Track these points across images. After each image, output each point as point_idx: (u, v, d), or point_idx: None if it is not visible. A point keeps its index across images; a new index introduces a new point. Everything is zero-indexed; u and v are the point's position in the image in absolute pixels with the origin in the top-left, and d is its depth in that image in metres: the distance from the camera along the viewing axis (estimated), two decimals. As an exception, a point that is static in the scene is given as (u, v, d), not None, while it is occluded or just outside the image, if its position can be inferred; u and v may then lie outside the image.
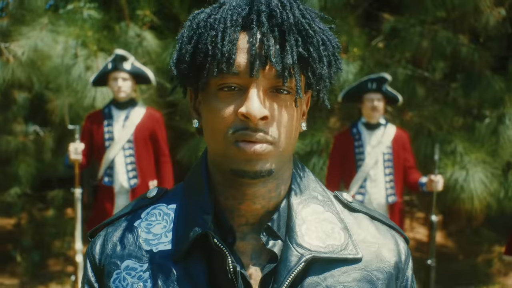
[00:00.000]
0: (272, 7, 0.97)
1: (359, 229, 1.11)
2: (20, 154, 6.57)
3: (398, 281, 1.10)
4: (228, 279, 1.00)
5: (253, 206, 1.05)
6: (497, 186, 5.56)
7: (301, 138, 5.68)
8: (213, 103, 1.00)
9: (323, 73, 1.02)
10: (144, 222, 1.11)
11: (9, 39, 5.73)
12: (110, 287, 1.06)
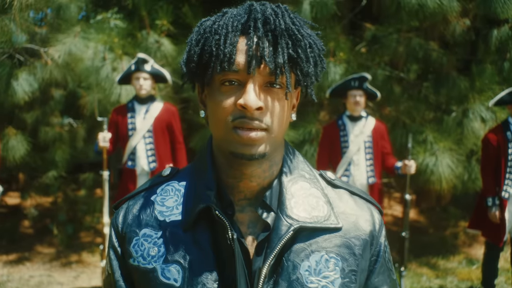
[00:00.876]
0: (266, 15, 0.99)
1: (340, 203, 1.12)
2: (56, 143, 6.40)
3: (373, 246, 1.11)
4: (228, 245, 1.02)
5: (250, 184, 1.07)
6: (462, 170, 5.45)
7: (295, 128, 5.59)
8: (217, 96, 1.02)
9: (310, 71, 1.03)
10: (159, 196, 1.12)
11: (48, 45, 5.57)
12: (130, 251, 1.08)
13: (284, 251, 1.04)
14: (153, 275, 1.04)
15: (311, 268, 1.04)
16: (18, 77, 5.35)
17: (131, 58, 5.40)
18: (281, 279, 1.02)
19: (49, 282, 5.32)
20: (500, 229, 4.56)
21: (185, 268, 1.03)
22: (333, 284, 1.03)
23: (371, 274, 1.11)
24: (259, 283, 1.01)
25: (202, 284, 1.01)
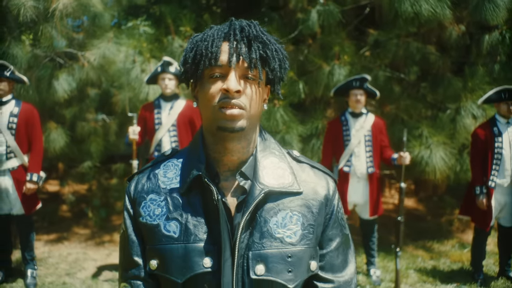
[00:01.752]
0: (243, 26, 1.21)
1: (302, 173, 1.32)
2: (91, 136, 6.49)
3: (327, 207, 1.31)
4: (214, 205, 1.21)
5: (232, 158, 1.26)
6: (454, 162, 5.54)
7: (303, 124, 5.70)
8: (206, 86, 1.21)
9: (276, 68, 1.24)
10: (162, 170, 1.32)
11: (84, 49, 5.74)
12: (140, 211, 1.28)
13: (257, 209, 1.23)
14: (157, 229, 1.24)
15: (278, 222, 1.23)
16: (58, 78, 5.52)
17: (157, 61, 5.54)
18: (255, 231, 1.22)
19: (85, 258, 5.56)
20: (487, 215, 4.69)
21: (182, 223, 1.23)
22: (295, 235, 1.23)
23: (326, 228, 1.31)
24: (238, 233, 1.20)
25: (195, 235, 1.21)
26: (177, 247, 1.21)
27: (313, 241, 1.26)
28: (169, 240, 1.22)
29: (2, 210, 4.64)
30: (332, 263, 1.31)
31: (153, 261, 1.24)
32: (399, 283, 4.62)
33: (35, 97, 5.29)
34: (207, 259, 1.20)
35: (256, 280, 1.20)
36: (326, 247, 1.31)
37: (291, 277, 1.22)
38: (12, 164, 4.50)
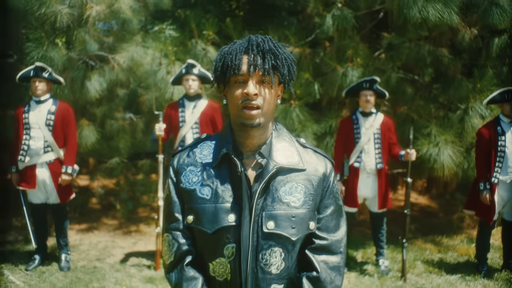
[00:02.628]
0: (258, 42, 1.57)
1: (306, 156, 1.68)
2: (120, 133, 6.81)
3: (324, 181, 1.67)
4: (238, 176, 1.59)
5: (252, 141, 1.64)
6: (462, 160, 5.73)
7: (318, 123, 5.97)
8: (232, 89, 1.59)
9: (285, 73, 1.60)
10: (199, 149, 1.70)
11: (114, 52, 6.09)
12: (181, 179, 1.66)
13: (271, 180, 1.60)
14: (194, 193, 1.62)
15: (286, 191, 1.60)
16: (91, 79, 5.91)
17: (182, 63, 5.86)
18: (268, 196, 1.59)
19: (113, 246, 5.96)
20: (490, 210, 4.94)
21: (213, 188, 1.60)
22: (299, 201, 1.60)
23: (323, 198, 1.66)
24: (255, 198, 1.57)
25: (222, 197, 1.58)
26: (209, 206, 1.59)
27: (312, 207, 1.63)
28: (203, 201, 1.60)
29: (39, 200, 5.08)
30: (327, 225, 1.67)
31: (190, 217, 1.62)
32: (406, 272, 4.90)
33: (69, 96, 5.68)
34: (231, 216, 1.57)
35: (267, 233, 1.57)
36: (322, 212, 1.67)
37: (294, 232, 1.59)
38: (49, 157, 4.93)
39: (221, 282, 1.60)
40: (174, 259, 1.64)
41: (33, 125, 4.84)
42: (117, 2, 5.39)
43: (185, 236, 1.65)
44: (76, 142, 5.09)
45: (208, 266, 1.62)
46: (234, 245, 1.57)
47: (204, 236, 1.60)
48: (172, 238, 1.65)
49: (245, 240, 1.56)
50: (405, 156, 4.88)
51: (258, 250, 1.57)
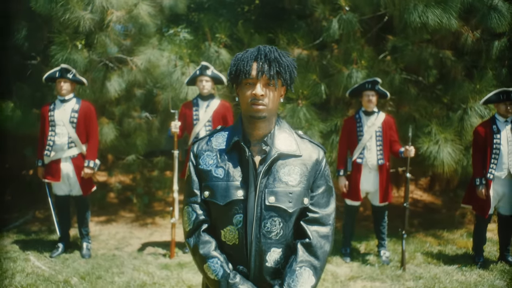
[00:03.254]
0: (266, 52, 1.90)
1: (303, 145, 2.02)
2: (137, 131, 7.11)
3: (317, 166, 2.00)
4: (246, 159, 1.92)
5: (258, 132, 1.97)
6: (461, 157, 6.00)
7: (324, 122, 6.27)
8: (243, 90, 1.93)
9: (287, 77, 1.93)
10: (214, 138, 2.04)
11: (132, 54, 6.43)
12: (199, 161, 2.00)
13: (272, 164, 1.94)
14: (210, 173, 1.97)
15: (285, 173, 1.94)
16: (110, 79, 6.26)
17: (196, 65, 6.19)
18: (270, 177, 1.93)
19: (130, 236, 6.34)
20: (486, 204, 5.22)
21: (225, 169, 1.95)
22: (295, 180, 1.94)
23: (315, 179, 2.00)
24: (259, 178, 1.91)
25: (233, 177, 1.92)
26: (222, 184, 1.94)
27: (306, 186, 1.97)
28: (217, 179, 1.95)
29: (63, 192, 5.46)
30: (318, 202, 2.00)
31: (206, 192, 1.97)
32: (405, 262, 5.20)
33: (91, 95, 6.04)
34: (240, 192, 1.92)
35: (269, 205, 1.92)
36: (315, 191, 2.01)
37: (291, 205, 1.94)
38: (73, 152, 5.31)
39: (230, 246, 1.95)
40: (193, 226, 1.99)
41: (58, 122, 5.22)
42: (136, 8, 5.77)
43: (202, 208, 1.99)
44: (97, 139, 5.47)
45: (220, 232, 1.96)
46: (241, 215, 1.91)
47: (217, 208, 1.95)
48: (191, 210, 1.99)
49: (251, 211, 1.90)
50: (405, 152, 5.18)
51: (261, 219, 1.91)
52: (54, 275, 4.84)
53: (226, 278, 1.90)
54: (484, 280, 4.93)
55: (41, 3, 5.62)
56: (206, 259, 1.93)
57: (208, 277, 1.94)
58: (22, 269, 4.98)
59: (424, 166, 6.23)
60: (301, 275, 1.91)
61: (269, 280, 1.95)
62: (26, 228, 6.54)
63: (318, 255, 1.95)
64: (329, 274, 5.07)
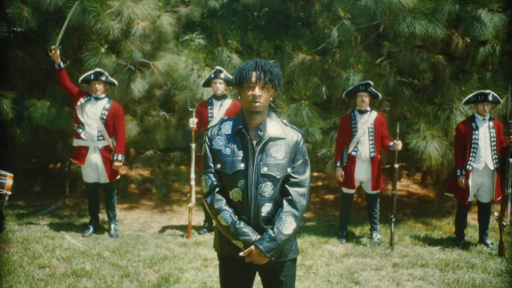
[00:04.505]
0: (262, 65, 2.62)
1: (286, 130, 2.72)
2: (156, 128, 7.87)
3: (297, 145, 2.70)
4: (246, 141, 2.63)
5: (255, 122, 2.68)
6: (447, 151, 6.68)
7: (324, 120, 6.98)
8: (245, 91, 2.64)
9: (276, 83, 2.65)
10: (223, 125, 2.74)
11: (154, 59, 7.18)
12: (212, 143, 2.70)
13: (265, 145, 2.66)
14: (220, 151, 2.68)
15: (274, 150, 2.66)
16: (135, 81, 7.02)
17: (210, 69, 6.92)
18: (263, 153, 2.65)
19: (151, 221, 7.13)
20: (466, 192, 5.92)
21: (231, 149, 2.66)
22: (281, 156, 2.66)
23: (295, 154, 2.71)
24: (256, 154, 2.62)
25: (237, 154, 2.64)
26: (229, 159, 2.66)
27: (289, 159, 2.68)
28: (225, 156, 2.67)
29: (92, 179, 6.25)
30: (298, 170, 2.72)
31: (218, 165, 2.69)
32: (393, 242, 5.93)
33: (117, 95, 6.82)
34: (242, 164, 2.64)
35: (263, 173, 2.64)
36: (295, 163, 2.72)
37: (278, 173, 2.66)
38: (102, 144, 6.10)
39: (236, 202, 2.68)
40: (209, 189, 2.73)
41: (91, 115, 6.01)
42: (159, 19, 6.57)
43: (215, 176, 2.72)
44: (124, 135, 6.25)
45: (229, 193, 2.69)
46: (243, 181, 2.64)
47: (226, 176, 2.68)
48: (207, 178, 2.74)
49: (250, 178, 2.63)
50: (393, 146, 5.91)
51: (258, 183, 2.64)
52: (88, 250, 5.63)
53: (234, 224, 2.64)
54: (462, 258, 5.63)
55: (75, 14, 6.40)
56: (219, 211, 2.68)
57: (221, 225, 2.68)
58: (60, 245, 5.77)
59: (413, 160, 6.95)
60: (286, 221, 2.64)
61: (263, 226, 2.67)
62: (58, 213, 7.34)
63: (298, 207, 2.68)
64: (326, 252, 5.82)
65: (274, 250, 2.61)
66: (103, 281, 4.73)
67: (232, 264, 2.76)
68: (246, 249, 2.62)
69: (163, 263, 5.27)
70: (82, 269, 5.01)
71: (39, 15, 7.06)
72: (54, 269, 5.03)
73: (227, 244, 2.73)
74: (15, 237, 5.96)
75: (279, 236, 2.60)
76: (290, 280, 2.80)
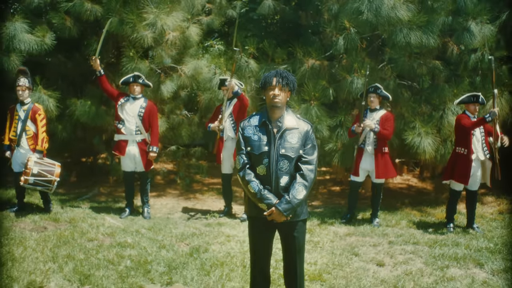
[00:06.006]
0: (281, 73, 3.56)
1: (300, 122, 3.64)
2: (181, 125, 8.84)
3: (307, 133, 3.61)
4: (269, 130, 3.56)
5: (276, 115, 3.59)
6: (440, 147, 7.55)
7: (331, 118, 7.94)
8: (268, 92, 3.57)
9: (291, 87, 3.59)
10: (251, 119, 3.67)
11: (180, 63, 8.11)
12: (244, 132, 3.63)
13: (283, 133, 3.57)
14: (250, 138, 3.60)
15: (290, 137, 3.58)
16: (165, 83, 7.97)
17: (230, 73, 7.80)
18: (282, 139, 3.57)
19: (178, 206, 8.08)
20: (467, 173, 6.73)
21: (258, 136, 3.58)
22: (295, 141, 3.57)
23: (306, 140, 3.61)
24: (276, 140, 3.54)
25: (262, 140, 3.56)
26: (256, 143, 3.56)
27: (300, 144, 3.56)
28: (254, 141, 3.57)
29: (130, 168, 7.21)
30: (307, 152, 3.61)
31: (248, 148, 3.59)
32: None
33: (150, 96, 7.79)
34: (266, 147, 3.54)
35: (281, 154, 3.53)
36: (306, 146, 3.60)
37: (293, 154, 3.54)
38: (139, 137, 7.05)
39: (261, 176, 3.57)
40: (241, 166, 3.63)
41: (130, 113, 6.97)
42: (188, 29, 7.54)
43: (246, 156, 3.61)
44: (158, 130, 7.22)
45: (256, 169, 3.59)
46: (267, 159, 3.54)
47: (254, 156, 3.58)
48: (240, 157, 3.64)
49: (272, 157, 3.53)
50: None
51: (277, 161, 3.53)
52: (127, 228, 6.58)
53: (260, 191, 3.55)
54: (449, 238, 6.50)
55: (113, 25, 7.37)
56: (249, 182, 3.59)
57: (250, 192, 3.59)
58: (102, 223, 6.72)
59: (410, 155, 7.84)
60: (298, 189, 3.54)
61: (282, 193, 3.56)
62: (95, 199, 8.31)
63: (307, 179, 3.57)
64: (331, 232, 6.73)
65: (289, 210, 3.52)
66: (144, 251, 5.67)
67: (258, 222, 3.68)
68: (268, 209, 3.54)
69: (192, 238, 6.22)
70: (125, 241, 5.95)
71: (80, 24, 8.04)
72: (101, 242, 5.97)
73: (254, 207, 3.64)
74: (62, 218, 6.91)
75: (293, 200, 3.52)
76: (301, 236, 3.72)
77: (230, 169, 7.42)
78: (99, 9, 7.70)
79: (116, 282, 4.74)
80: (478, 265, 5.49)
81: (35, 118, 6.80)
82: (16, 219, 6.68)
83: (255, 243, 3.74)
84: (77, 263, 5.17)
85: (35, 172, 6.65)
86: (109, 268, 5.09)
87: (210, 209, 7.98)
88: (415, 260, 5.64)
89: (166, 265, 5.20)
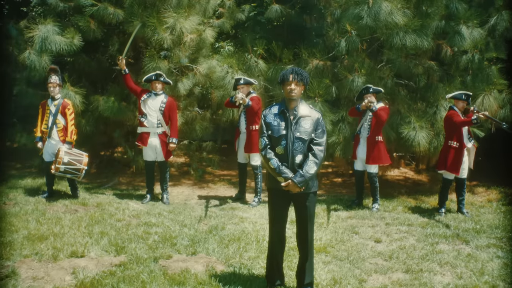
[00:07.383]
0: (296, 70, 4.25)
1: (312, 111, 4.32)
2: (194, 120, 9.51)
3: (317, 120, 4.28)
4: (287, 117, 4.24)
5: (292, 105, 4.27)
6: (433, 140, 8.24)
7: (334, 114, 8.70)
8: (286, 87, 4.25)
9: (305, 82, 4.28)
10: (272, 108, 4.35)
11: (195, 63, 8.79)
12: (265, 118, 4.31)
13: (298, 120, 4.26)
14: (271, 123, 4.29)
15: (304, 123, 4.26)
16: (182, 81, 8.67)
17: (242, 72, 8.51)
18: (297, 125, 4.26)
19: (193, 194, 8.79)
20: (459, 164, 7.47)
21: (278, 122, 4.27)
22: (308, 126, 4.25)
23: (316, 126, 4.29)
24: (292, 125, 4.23)
25: (281, 125, 4.24)
26: (276, 128, 4.25)
27: (312, 129, 4.23)
28: (274, 126, 4.26)
29: (150, 158, 7.92)
30: (318, 135, 4.29)
31: (269, 131, 4.28)
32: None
33: (168, 92, 8.50)
34: (284, 131, 4.22)
35: (297, 137, 4.22)
36: (317, 131, 4.27)
37: (306, 136, 4.22)
38: (160, 130, 7.77)
39: (279, 155, 4.24)
40: (263, 147, 4.31)
41: (152, 108, 7.69)
42: (204, 32, 8.27)
43: (267, 139, 4.29)
44: (177, 123, 7.92)
45: (275, 149, 4.27)
46: (285, 141, 4.22)
47: (274, 138, 4.26)
48: (263, 139, 4.31)
49: (289, 139, 4.21)
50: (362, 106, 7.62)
51: (293, 143, 4.21)
52: (150, 211, 7.29)
53: (279, 167, 4.24)
54: (441, 221, 7.20)
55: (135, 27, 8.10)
56: (270, 159, 4.29)
57: (270, 168, 4.28)
58: (127, 207, 7.44)
59: (406, 147, 8.56)
60: (310, 165, 4.23)
61: (297, 168, 4.24)
62: (117, 188, 9.04)
63: (318, 158, 4.27)
64: (334, 215, 7.44)
65: (303, 182, 4.23)
66: (168, 229, 6.39)
67: (276, 193, 4.39)
68: (285, 182, 4.27)
69: (210, 219, 6.94)
70: (150, 221, 6.67)
71: (103, 27, 8.77)
72: (129, 222, 6.69)
73: (273, 181, 4.34)
74: (90, 202, 7.64)
75: (306, 174, 4.23)
76: (312, 205, 4.41)
77: (244, 159, 8.13)
78: (121, 13, 8.43)
79: (148, 252, 5.45)
80: (464, 242, 6.20)
81: (65, 112, 7.53)
82: (49, 204, 7.41)
83: (274, 210, 4.45)
84: (110, 237, 5.88)
85: (66, 161, 7.37)
86: (140, 242, 5.80)
87: (223, 195, 8.67)
88: (408, 238, 6.34)
89: (189, 240, 5.92)
